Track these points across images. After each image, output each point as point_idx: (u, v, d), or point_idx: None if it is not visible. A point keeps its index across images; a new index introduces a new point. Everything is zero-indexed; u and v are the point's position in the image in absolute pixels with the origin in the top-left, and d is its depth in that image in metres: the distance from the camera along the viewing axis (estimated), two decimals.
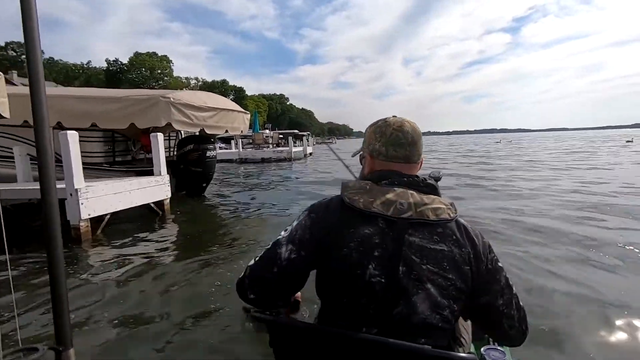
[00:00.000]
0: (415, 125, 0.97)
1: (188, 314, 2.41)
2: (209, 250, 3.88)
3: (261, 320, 0.88)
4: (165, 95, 5.69)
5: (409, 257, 0.82)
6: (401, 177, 0.91)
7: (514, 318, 0.90)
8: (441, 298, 0.82)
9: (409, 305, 0.81)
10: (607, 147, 24.90)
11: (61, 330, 0.74)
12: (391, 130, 0.95)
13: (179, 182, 7.42)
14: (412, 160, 0.95)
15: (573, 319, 2.21)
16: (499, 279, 0.89)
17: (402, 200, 0.85)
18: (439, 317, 0.82)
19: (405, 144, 0.94)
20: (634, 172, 10.16)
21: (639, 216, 4.80)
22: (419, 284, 0.81)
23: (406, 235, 0.83)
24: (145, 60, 59.71)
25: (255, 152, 21.52)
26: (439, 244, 0.83)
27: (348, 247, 0.84)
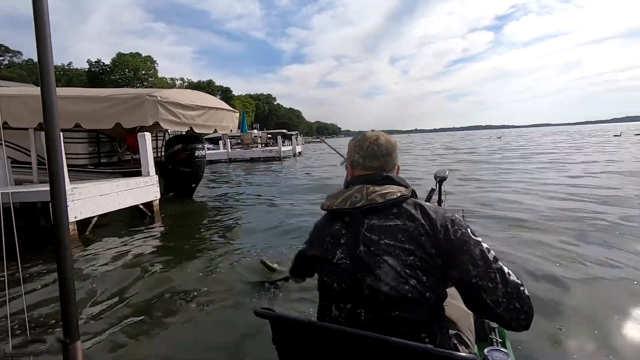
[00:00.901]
0: (390, 139, 1.12)
1: (183, 313, 2.36)
2: (200, 251, 3.80)
3: (264, 316, 0.89)
4: (152, 94, 5.54)
5: (367, 237, 0.95)
6: (362, 178, 1.07)
7: (496, 293, 0.86)
8: (402, 267, 0.90)
9: (374, 278, 0.91)
10: (608, 141, 25.04)
11: (69, 323, 0.77)
12: (367, 144, 1.10)
13: (168, 182, 7.27)
14: (386, 169, 1.09)
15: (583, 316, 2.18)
16: (467, 250, 0.89)
17: (356, 194, 1.01)
18: (407, 287, 0.88)
19: (380, 156, 1.08)
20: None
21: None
22: (379, 257, 0.92)
23: (366, 221, 0.97)
24: (128, 60, 58.55)
25: (244, 152, 21.31)
26: (394, 220, 0.95)
27: (325, 242, 1.04)
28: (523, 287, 0.88)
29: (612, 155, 13.46)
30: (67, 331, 0.77)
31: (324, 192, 6.93)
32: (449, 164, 12.81)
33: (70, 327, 0.77)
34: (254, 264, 3.23)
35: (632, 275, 2.68)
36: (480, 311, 0.93)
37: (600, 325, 2.05)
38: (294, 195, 7.47)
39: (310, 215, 5.29)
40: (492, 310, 0.88)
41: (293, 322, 0.90)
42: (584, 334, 2.00)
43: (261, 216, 5.58)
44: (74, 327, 0.77)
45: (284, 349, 0.95)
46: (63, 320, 0.76)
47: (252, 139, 23.64)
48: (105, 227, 4.85)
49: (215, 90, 70.44)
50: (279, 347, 0.95)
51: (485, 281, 0.87)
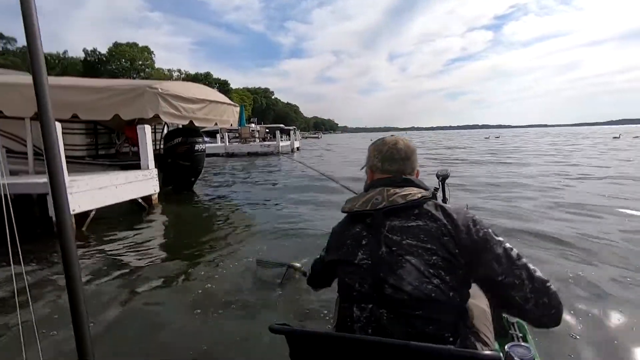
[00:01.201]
0: (409, 143, 1.14)
1: (187, 312, 2.29)
2: (200, 246, 3.74)
3: (280, 332, 0.87)
4: (152, 86, 5.42)
5: (389, 238, 0.95)
6: (381, 181, 1.07)
7: (524, 289, 0.87)
8: (425, 267, 0.90)
9: (396, 278, 0.91)
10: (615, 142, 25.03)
11: (82, 344, 0.75)
12: (387, 148, 1.11)
13: (166, 176, 7.16)
14: (405, 172, 1.09)
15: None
16: (490, 248, 0.91)
17: (377, 196, 1.01)
18: (430, 287, 0.88)
19: (399, 159, 1.09)
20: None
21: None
22: (401, 257, 0.92)
23: (388, 222, 0.97)
24: (125, 50, 57.77)
25: (242, 146, 21.17)
26: (416, 221, 0.95)
27: (345, 244, 1.04)
28: (549, 283, 0.89)
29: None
30: (81, 353, 0.75)
31: (324, 191, 6.88)
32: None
33: (84, 348, 0.75)
34: (253, 262, 3.15)
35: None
36: (510, 309, 0.94)
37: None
38: (294, 192, 7.39)
39: (309, 209, 5.23)
40: (521, 307, 0.88)
41: (310, 335, 0.87)
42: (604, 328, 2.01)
43: (261, 210, 5.51)
44: (88, 348, 0.76)
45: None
46: (77, 341, 0.74)
47: (250, 133, 23.48)
48: (104, 221, 4.75)
49: (212, 82, 69.84)
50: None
51: (512, 278, 0.88)
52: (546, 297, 0.87)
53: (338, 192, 5.59)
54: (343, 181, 2.91)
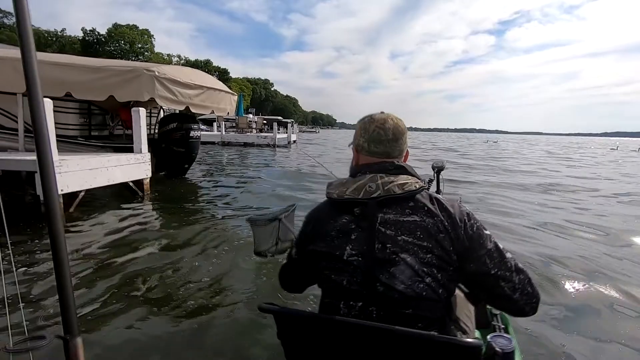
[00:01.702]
0: (399, 122, 1.03)
1: (182, 303, 2.27)
2: (191, 233, 3.69)
3: (268, 311, 0.89)
4: (149, 69, 5.33)
5: (382, 233, 0.89)
6: (371, 166, 0.98)
7: (513, 280, 0.90)
8: (420, 266, 0.87)
9: (389, 276, 0.86)
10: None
11: (67, 318, 0.75)
12: (373, 127, 1.01)
13: (160, 161, 7.07)
14: (392, 155, 1.01)
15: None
16: (482, 243, 0.91)
17: (371, 183, 0.93)
18: (422, 285, 0.86)
19: (385, 141, 1.00)
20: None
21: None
22: (396, 255, 0.87)
23: (380, 214, 0.91)
24: (124, 32, 56.87)
25: (238, 136, 21.01)
26: (411, 216, 0.90)
27: (330, 235, 0.95)
28: (529, 274, 0.95)
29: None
30: (66, 327, 0.75)
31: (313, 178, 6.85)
32: None
33: (69, 323, 0.75)
34: (247, 247, 3.16)
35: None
36: (498, 300, 0.95)
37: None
38: (284, 179, 7.36)
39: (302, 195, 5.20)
40: (510, 298, 0.91)
41: (297, 315, 0.89)
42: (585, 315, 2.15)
43: (253, 199, 5.47)
44: (74, 323, 0.76)
45: (290, 343, 0.95)
46: (62, 316, 0.75)
47: (247, 123, 23.30)
48: (92, 203, 4.69)
49: (212, 70, 69.13)
50: (284, 342, 0.95)
51: (503, 271, 0.91)
52: (529, 286, 0.92)
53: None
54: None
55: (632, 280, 2.84)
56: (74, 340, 0.75)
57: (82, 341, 0.76)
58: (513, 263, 0.92)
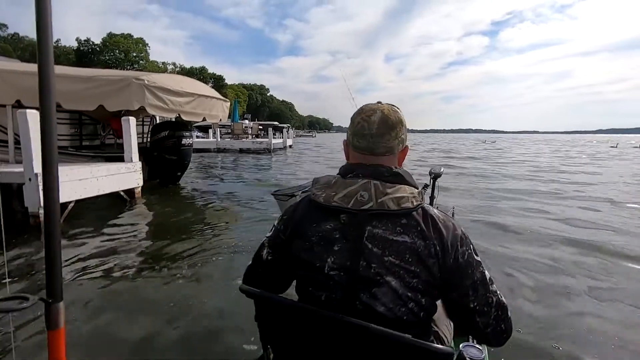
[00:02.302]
0: (391, 114, 0.90)
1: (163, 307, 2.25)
2: (182, 242, 3.67)
3: (249, 293, 0.89)
4: (138, 77, 5.33)
5: (368, 249, 0.82)
6: (365, 169, 0.89)
7: (489, 316, 0.86)
8: (404, 290, 0.81)
9: (370, 297, 0.81)
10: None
11: (52, 282, 0.76)
12: (359, 119, 0.92)
13: (152, 170, 7.07)
14: (375, 152, 0.90)
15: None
16: (470, 273, 0.85)
17: (363, 191, 0.84)
18: (403, 309, 0.81)
19: (368, 135, 0.90)
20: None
21: None
22: (380, 277, 0.81)
23: (369, 227, 0.82)
24: (119, 41, 57.04)
25: (234, 142, 21.00)
26: (402, 235, 0.82)
27: (310, 241, 0.87)
28: (508, 310, 0.89)
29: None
30: (50, 290, 0.76)
31: None
32: None
33: (54, 286, 0.76)
34: (238, 256, 3.20)
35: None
36: (466, 329, 0.92)
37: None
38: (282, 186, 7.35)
39: None
40: (479, 331, 0.88)
41: (276, 301, 0.88)
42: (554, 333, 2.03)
43: (247, 207, 5.46)
44: (58, 286, 0.76)
45: (266, 327, 0.96)
46: (47, 278, 0.75)
47: (242, 129, 23.32)
48: (83, 214, 4.66)
49: (207, 77, 69.31)
50: (261, 325, 0.95)
51: (482, 306, 0.85)
52: (504, 323, 0.87)
53: None
54: None
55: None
56: (57, 304, 0.76)
57: (63, 305, 0.77)
58: (494, 299, 0.86)
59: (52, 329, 0.76)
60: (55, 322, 0.76)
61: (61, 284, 0.77)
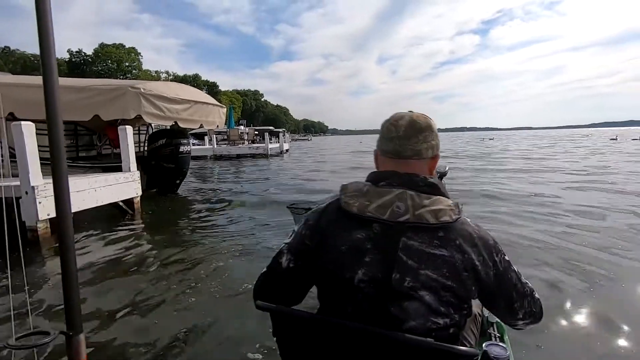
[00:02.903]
0: (420, 118, 0.89)
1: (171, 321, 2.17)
2: (185, 252, 3.60)
3: (265, 309, 0.86)
4: (134, 86, 5.26)
5: (404, 262, 0.78)
6: (399, 177, 0.85)
7: (526, 304, 0.89)
8: (437, 305, 0.78)
9: (400, 310, 0.78)
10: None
11: (71, 315, 0.77)
12: (387, 124, 0.91)
13: (150, 179, 6.98)
14: (403, 155, 0.88)
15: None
16: (510, 278, 0.85)
17: (399, 202, 0.81)
18: (434, 327, 0.78)
19: (395, 138, 0.88)
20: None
21: None
22: (413, 291, 0.77)
23: (404, 239, 0.79)
24: (111, 52, 56.92)
25: (230, 148, 20.92)
26: (440, 249, 0.78)
27: (339, 250, 0.82)
28: (538, 296, 0.92)
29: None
30: (70, 323, 0.76)
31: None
32: None
33: (73, 319, 0.77)
34: (243, 265, 3.12)
35: None
36: (501, 313, 0.94)
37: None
38: (283, 193, 7.29)
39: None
40: (518, 320, 0.91)
41: (294, 315, 0.86)
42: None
43: (248, 214, 5.39)
44: (77, 319, 0.77)
45: (284, 342, 0.93)
46: (66, 312, 0.76)
47: (238, 135, 23.25)
48: (81, 226, 4.57)
49: (201, 84, 69.22)
50: (280, 340, 0.93)
51: (521, 299, 0.88)
52: (536, 305, 0.91)
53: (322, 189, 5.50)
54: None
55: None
56: (77, 337, 0.76)
57: (84, 337, 0.78)
58: (527, 288, 0.88)
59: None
60: (77, 354, 0.76)
61: (80, 316, 0.78)
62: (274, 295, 0.93)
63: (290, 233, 0.99)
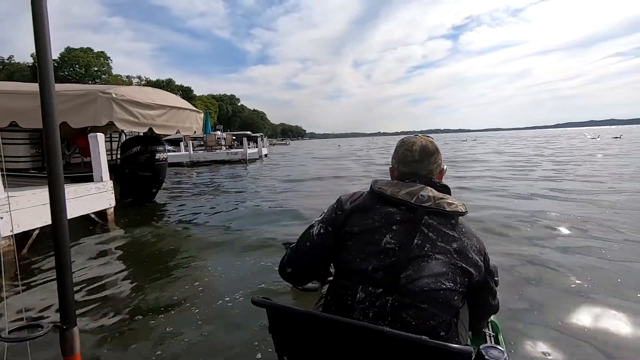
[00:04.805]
0: (429, 144, 1.11)
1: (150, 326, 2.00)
2: (162, 265, 3.40)
3: (261, 305, 0.89)
4: (105, 91, 4.99)
5: (425, 233, 0.95)
6: (420, 178, 1.07)
7: (494, 291, 1.14)
8: (448, 269, 0.93)
9: (417, 269, 0.91)
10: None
11: (65, 308, 0.77)
12: (402, 150, 1.13)
13: (124, 188, 6.66)
14: (419, 174, 1.09)
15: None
16: (494, 273, 1.10)
17: (423, 193, 0.99)
18: (444, 287, 0.91)
19: (412, 162, 1.10)
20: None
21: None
22: (431, 254, 0.93)
23: (426, 217, 0.96)
24: (79, 56, 54.73)
25: (208, 154, 20.45)
26: (452, 231, 0.97)
27: (372, 218, 0.99)
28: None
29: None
30: (64, 317, 0.77)
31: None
32: None
33: (67, 312, 0.77)
34: (225, 277, 2.97)
35: None
36: (481, 309, 1.18)
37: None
38: (264, 199, 7.12)
39: (283, 223, 5.00)
40: (490, 308, 1.18)
41: (289, 311, 0.90)
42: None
43: (227, 219, 5.21)
44: (71, 312, 0.78)
45: (280, 338, 0.96)
46: (60, 305, 0.76)
47: (216, 140, 22.79)
48: (50, 242, 4.25)
49: (175, 89, 67.63)
50: (275, 336, 0.96)
51: (493, 287, 1.12)
52: (495, 313, 1.25)
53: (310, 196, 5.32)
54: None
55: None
56: (71, 330, 0.77)
57: (78, 331, 0.78)
58: (495, 271, 1.11)
59: (68, 356, 0.77)
60: (70, 348, 0.77)
61: (74, 309, 0.78)
62: (303, 265, 1.10)
63: (320, 214, 1.11)
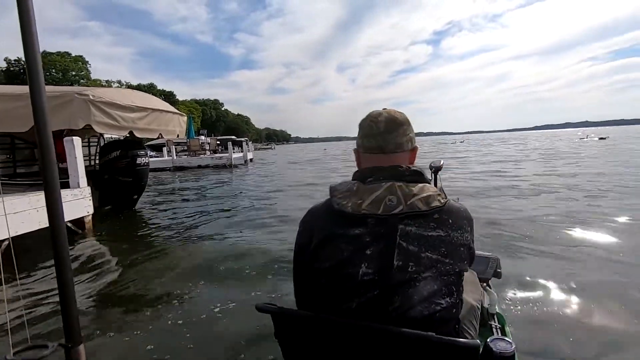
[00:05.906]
0: (396, 114, 0.95)
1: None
2: (143, 275, 3.20)
3: (266, 311, 0.87)
4: (82, 92, 4.73)
5: (404, 248, 0.81)
6: (385, 171, 0.89)
7: None
8: (440, 285, 0.81)
9: (405, 298, 0.79)
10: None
11: (70, 327, 0.76)
12: (367, 122, 0.96)
13: (104, 194, 6.36)
14: (387, 149, 0.92)
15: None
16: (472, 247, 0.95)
17: (390, 195, 0.84)
18: (439, 308, 0.80)
19: (377, 134, 0.93)
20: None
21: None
22: (417, 275, 0.80)
23: (401, 226, 0.82)
24: (55, 60, 53.04)
25: (191, 159, 20.04)
26: (436, 230, 0.83)
27: (339, 248, 0.83)
28: None
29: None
30: (68, 335, 0.76)
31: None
32: None
33: (71, 330, 0.76)
34: (207, 291, 2.80)
35: None
36: None
37: None
38: (249, 208, 6.94)
39: (267, 230, 4.84)
40: None
41: (294, 315, 0.88)
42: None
43: (213, 227, 5.01)
44: (76, 330, 0.77)
45: (287, 343, 0.94)
46: (64, 323, 0.75)
47: (200, 145, 22.37)
48: (21, 253, 3.97)
49: (157, 94, 66.33)
50: (282, 342, 0.94)
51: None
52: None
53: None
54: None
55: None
56: (76, 348, 0.76)
57: (84, 349, 0.77)
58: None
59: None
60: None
61: (79, 327, 0.77)
62: (309, 294, 0.94)
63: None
